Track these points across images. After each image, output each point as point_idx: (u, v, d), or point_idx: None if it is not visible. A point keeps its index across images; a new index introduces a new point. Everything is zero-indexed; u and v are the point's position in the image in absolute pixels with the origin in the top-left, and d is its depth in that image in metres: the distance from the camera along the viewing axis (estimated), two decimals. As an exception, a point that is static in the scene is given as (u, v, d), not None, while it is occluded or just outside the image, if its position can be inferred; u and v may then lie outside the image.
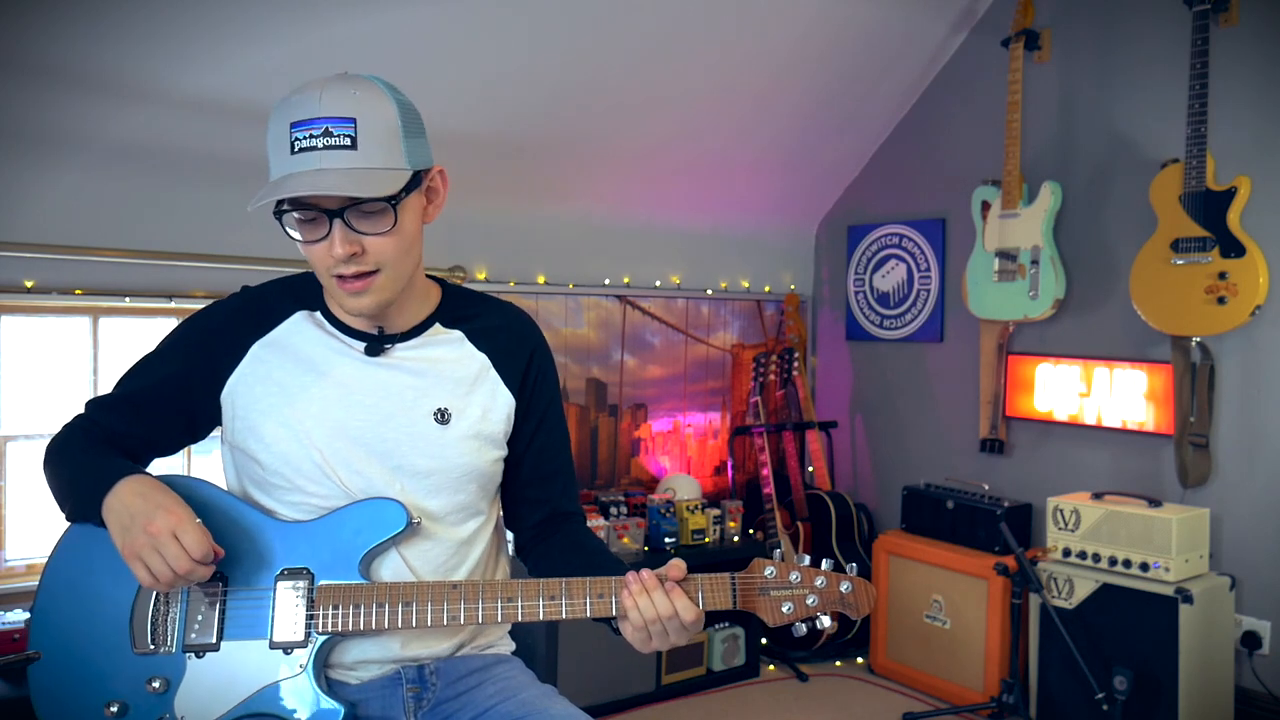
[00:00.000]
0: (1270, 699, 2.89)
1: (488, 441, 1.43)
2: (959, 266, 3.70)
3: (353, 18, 2.67)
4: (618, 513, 3.53)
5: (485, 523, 1.47)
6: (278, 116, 1.27)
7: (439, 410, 1.40)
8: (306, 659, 1.31)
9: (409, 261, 1.36)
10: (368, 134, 1.25)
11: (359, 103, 1.25)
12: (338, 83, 1.27)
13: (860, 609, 1.32)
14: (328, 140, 1.23)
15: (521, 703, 1.39)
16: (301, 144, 1.24)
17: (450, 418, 1.40)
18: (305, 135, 1.24)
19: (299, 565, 1.33)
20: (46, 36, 2.40)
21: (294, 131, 1.24)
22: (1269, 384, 2.92)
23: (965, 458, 3.77)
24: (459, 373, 1.43)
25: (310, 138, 1.23)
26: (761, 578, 1.33)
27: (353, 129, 1.24)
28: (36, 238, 2.73)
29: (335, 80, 1.27)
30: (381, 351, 1.40)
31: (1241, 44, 2.94)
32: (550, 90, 3.22)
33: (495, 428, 1.44)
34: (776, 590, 1.32)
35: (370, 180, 1.25)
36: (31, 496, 2.87)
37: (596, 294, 3.85)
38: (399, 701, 1.38)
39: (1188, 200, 2.90)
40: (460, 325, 1.46)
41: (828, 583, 1.32)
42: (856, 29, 3.50)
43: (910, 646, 3.54)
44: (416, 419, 1.38)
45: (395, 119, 1.28)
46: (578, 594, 1.30)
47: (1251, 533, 2.96)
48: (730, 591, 1.33)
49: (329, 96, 1.24)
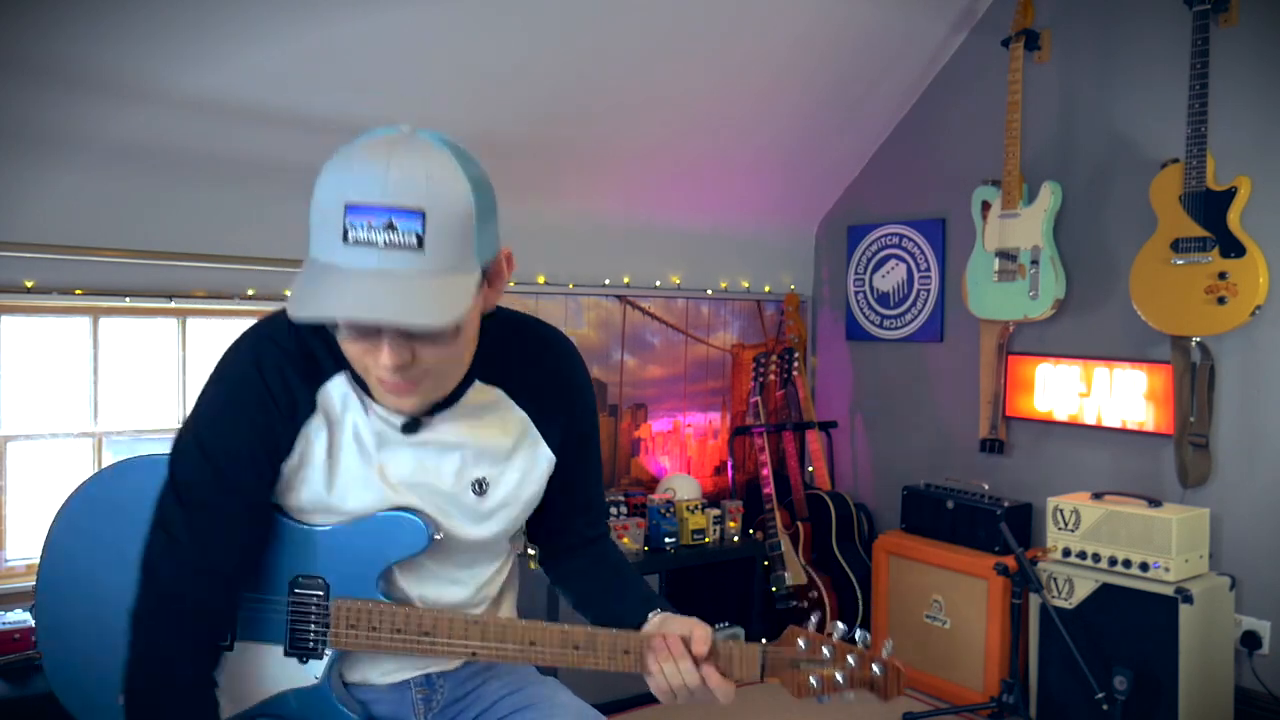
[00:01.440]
0: (1270, 699, 2.89)
1: (525, 505, 1.38)
2: (959, 266, 3.70)
3: (353, 18, 2.67)
4: (618, 513, 3.54)
5: (507, 558, 1.45)
6: (332, 185, 1.06)
7: (477, 481, 1.32)
8: (322, 671, 1.29)
9: (461, 366, 1.24)
10: (438, 232, 1.05)
11: (431, 188, 1.05)
12: (408, 155, 1.06)
13: (889, 692, 1.27)
14: (390, 236, 1.03)
15: (528, 695, 1.39)
16: (358, 235, 1.04)
17: (488, 487, 1.33)
18: (364, 225, 1.03)
19: (314, 574, 1.29)
20: (46, 37, 2.40)
21: (349, 216, 1.04)
22: (1269, 384, 2.92)
23: (965, 458, 3.77)
24: (499, 440, 1.33)
25: (369, 229, 1.03)
26: (793, 650, 1.29)
27: (421, 225, 1.04)
28: (36, 238, 2.73)
29: (405, 149, 1.07)
30: (419, 428, 1.28)
31: (1241, 44, 2.94)
32: (550, 90, 3.22)
33: (532, 489, 1.37)
34: (806, 664, 1.29)
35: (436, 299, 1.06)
36: (31, 496, 2.87)
37: (596, 294, 3.85)
38: (409, 704, 1.38)
39: (1188, 200, 2.90)
40: (500, 380, 1.33)
41: (859, 663, 1.27)
42: (856, 29, 3.50)
43: (910, 646, 3.54)
44: (457, 493, 1.32)
45: (470, 207, 1.08)
46: (602, 648, 1.27)
47: (1251, 533, 2.96)
48: (759, 664, 1.29)
49: (398, 176, 1.04)
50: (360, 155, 1.07)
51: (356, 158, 1.07)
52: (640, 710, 3.32)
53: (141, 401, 3.03)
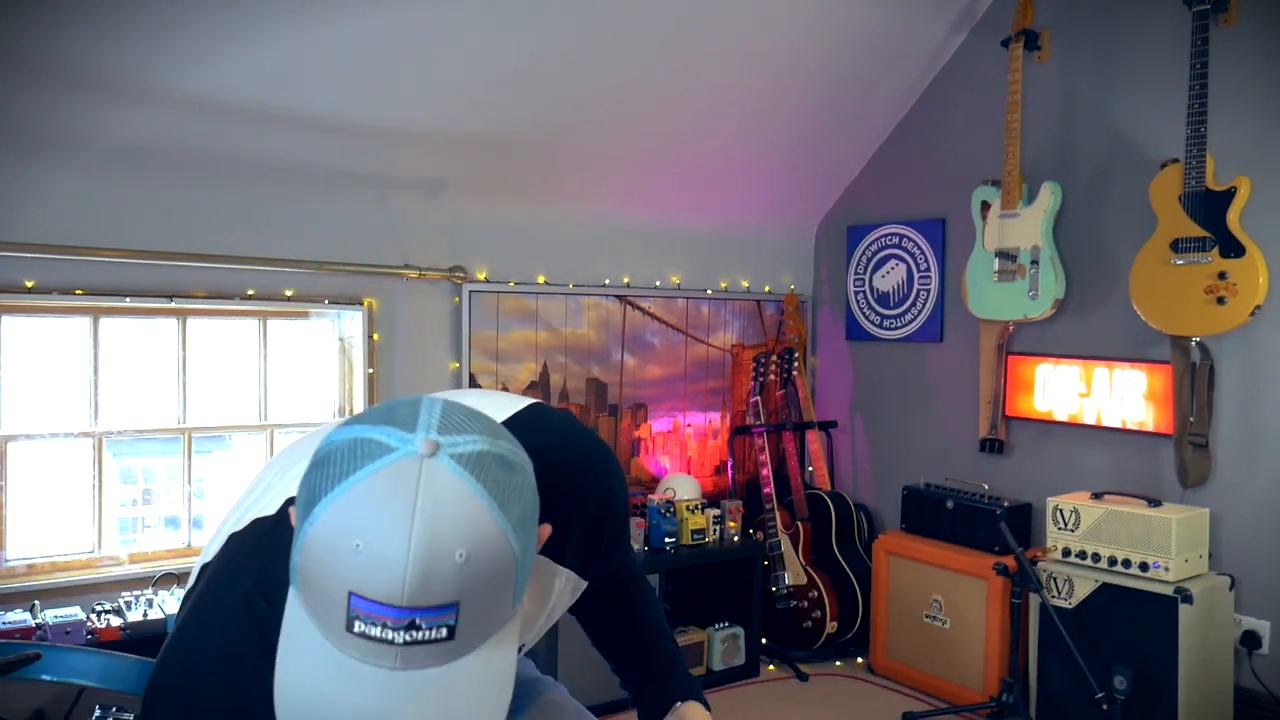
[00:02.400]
0: (1270, 698, 2.89)
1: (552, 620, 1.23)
2: (959, 266, 3.70)
3: (352, 18, 2.67)
4: (618, 513, 3.53)
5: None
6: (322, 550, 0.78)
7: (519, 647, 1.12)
8: None
9: None
10: (474, 616, 0.80)
11: (466, 571, 0.78)
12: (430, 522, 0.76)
13: None
14: (412, 635, 0.77)
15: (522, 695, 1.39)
16: (367, 630, 0.77)
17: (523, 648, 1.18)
18: (377, 624, 0.77)
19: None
20: (46, 37, 2.40)
21: (356, 606, 0.77)
22: (1269, 384, 2.92)
23: (965, 458, 3.77)
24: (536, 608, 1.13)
25: (384, 628, 0.77)
26: None
27: (453, 618, 0.78)
28: (36, 238, 2.73)
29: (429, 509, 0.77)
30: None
31: (1241, 44, 2.94)
32: (551, 90, 3.22)
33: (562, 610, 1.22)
34: None
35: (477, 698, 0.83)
36: (31, 496, 2.87)
37: (596, 294, 3.85)
38: None
39: (1187, 200, 2.90)
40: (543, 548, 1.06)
41: None
42: (856, 29, 3.50)
43: (910, 646, 3.54)
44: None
45: (512, 564, 0.82)
46: None
47: (1251, 533, 2.96)
48: None
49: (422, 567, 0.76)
50: (367, 522, 0.77)
51: (364, 526, 0.77)
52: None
53: (141, 401, 3.03)
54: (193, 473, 3.12)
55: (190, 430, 3.10)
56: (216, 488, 3.20)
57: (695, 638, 3.60)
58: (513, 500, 0.82)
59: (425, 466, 0.78)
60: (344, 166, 3.15)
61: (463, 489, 0.78)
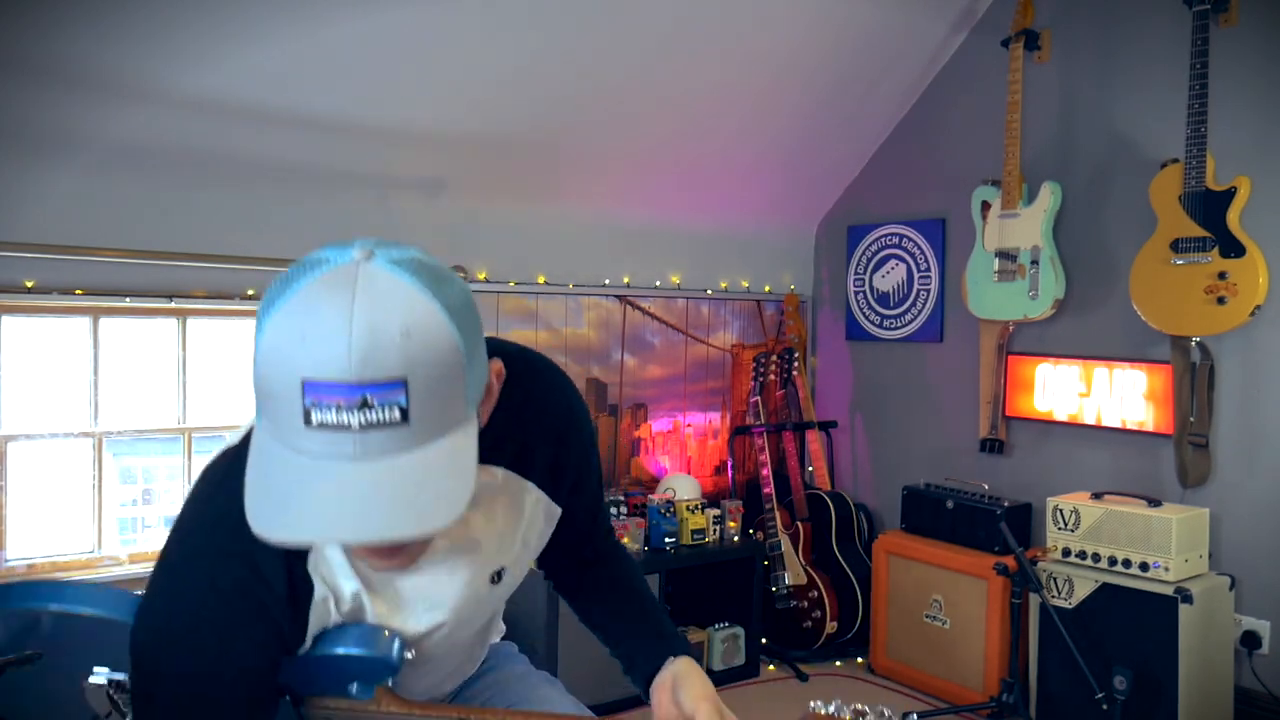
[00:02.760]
0: (1270, 699, 2.89)
1: (532, 558, 1.28)
2: (959, 266, 3.70)
3: (352, 18, 2.67)
4: (618, 513, 3.54)
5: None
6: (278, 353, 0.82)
7: (496, 573, 1.19)
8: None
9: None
10: (424, 395, 0.83)
11: (408, 346, 0.82)
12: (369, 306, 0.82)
13: None
14: (367, 416, 0.81)
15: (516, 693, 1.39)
16: (325, 419, 0.81)
17: (505, 573, 1.20)
18: (331, 408, 0.81)
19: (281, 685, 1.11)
20: (46, 37, 2.40)
21: (309, 396, 0.81)
22: (1269, 384, 2.92)
23: (965, 458, 3.77)
24: (510, 523, 1.18)
25: (338, 411, 0.81)
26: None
27: (403, 396, 0.82)
28: (36, 238, 2.73)
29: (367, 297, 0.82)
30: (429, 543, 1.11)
31: (1241, 44, 2.94)
32: (551, 90, 3.22)
33: (541, 542, 1.26)
34: None
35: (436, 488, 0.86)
36: (31, 496, 2.87)
37: (596, 294, 3.85)
38: None
39: (1187, 200, 2.90)
40: (503, 458, 1.14)
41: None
42: (856, 29, 3.50)
43: (910, 646, 3.54)
44: (474, 590, 1.18)
45: (457, 347, 0.85)
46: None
47: (1251, 533, 2.96)
48: None
49: (364, 342, 0.80)
50: (310, 315, 0.81)
51: (306, 319, 0.81)
52: (641, 710, 3.32)
53: (141, 401, 3.03)
54: (193, 473, 3.11)
55: (190, 430, 3.10)
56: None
57: (695, 638, 3.60)
58: (447, 288, 0.86)
59: (362, 269, 0.83)
60: (344, 166, 3.15)
61: (398, 281, 0.83)
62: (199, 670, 1.00)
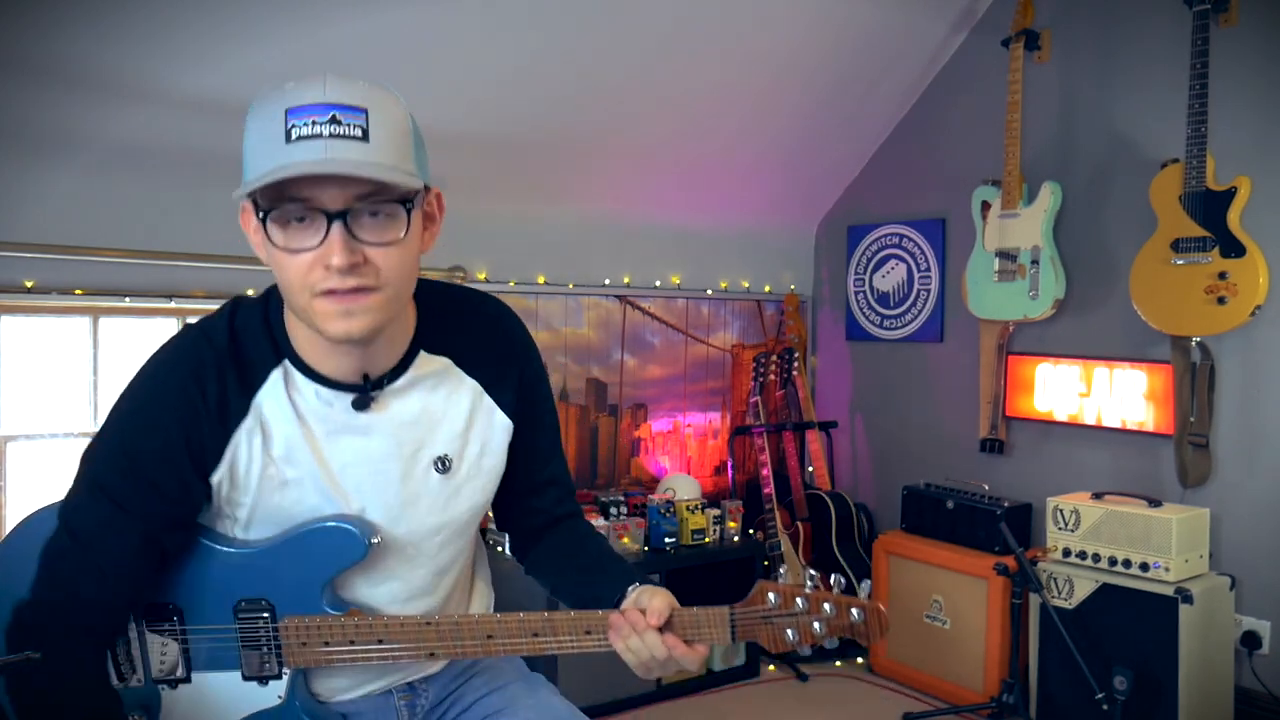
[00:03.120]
0: (1270, 699, 2.89)
1: (489, 476, 1.35)
2: (959, 266, 3.70)
3: (352, 18, 2.67)
4: (617, 513, 3.54)
5: (470, 541, 1.40)
6: (266, 106, 1.07)
7: (439, 459, 1.28)
8: (285, 690, 1.26)
9: (409, 287, 1.19)
10: (381, 127, 1.08)
11: (369, 94, 1.09)
12: (339, 75, 1.09)
13: (872, 637, 1.22)
14: (335, 129, 1.05)
15: (506, 695, 1.39)
16: (302, 131, 1.04)
17: (451, 464, 1.29)
18: (308, 122, 1.04)
19: (257, 596, 1.24)
20: (47, 36, 2.40)
21: (291, 118, 1.05)
22: (1269, 384, 2.92)
23: (965, 458, 3.77)
24: (453, 411, 1.29)
25: (314, 125, 1.04)
26: (764, 608, 1.23)
27: (364, 120, 1.06)
28: (36, 238, 2.73)
29: (334, 73, 1.09)
30: (370, 403, 1.23)
31: (1241, 44, 2.94)
32: (551, 90, 3.22)
33: (495, 459, 1.35)
34: (780, 618, 1.23)
35: (389, 171, 1.08)
36: (31, 496, 2.87)
37: (596, 294, 3.85)
38: (392, 711, 1.37)
39: (1188, 200, 2.90)
40: (446, 349, 1.30)
41: (836, 610, 1.23)
42: (856, 29, 3.50)
43: (910, 646, 3.54)
44: (418, 475, 1.27)
45: (407, 121, 1.13)
46: (563, 630, 1.22)
47: (1251, 533, 2.96)
48: (729, 627, 1.22)
49: (334, 84, 1.07)
50: (294, 79, 1.09)
51: (288, 82, 1.08)
52: (640, 710, 3.33)
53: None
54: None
55: (190, 430, 3.10)
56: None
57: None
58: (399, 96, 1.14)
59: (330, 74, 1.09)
60: (344, 166, 3.14)
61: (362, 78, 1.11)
62: (131, 439, 1.18)
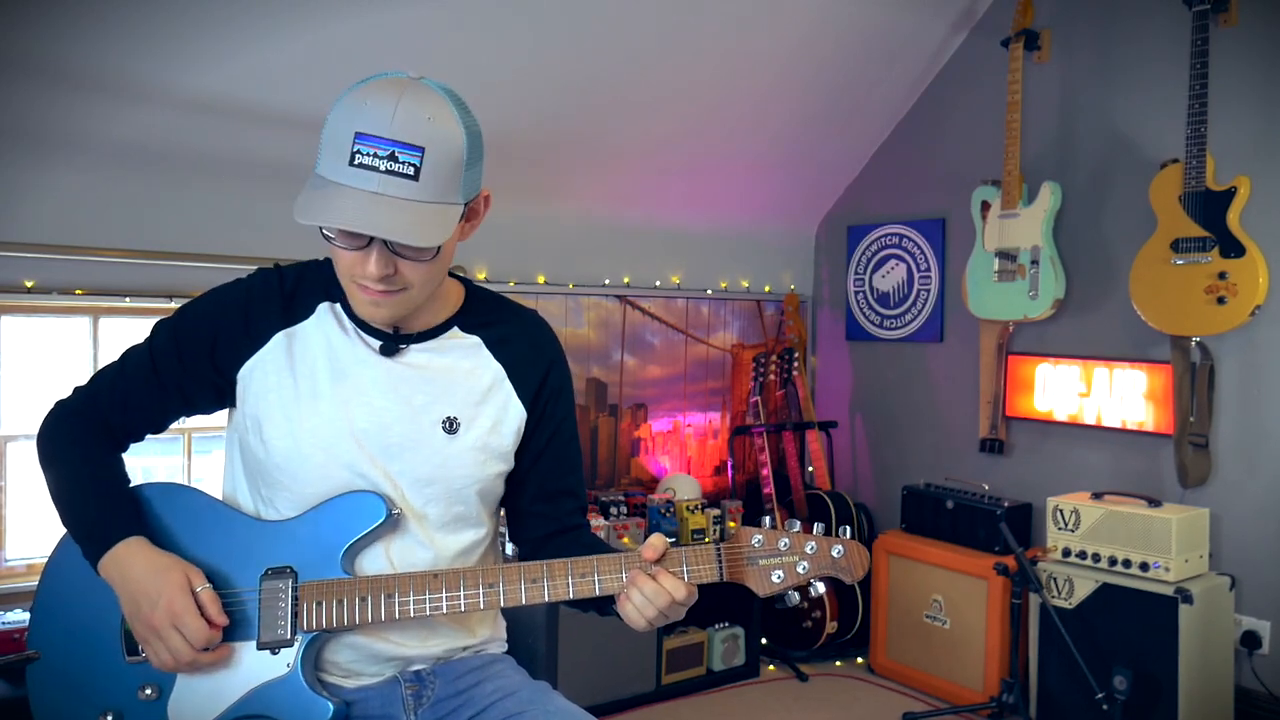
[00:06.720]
0: (1270, 699, 2.89)
1: (494, 455, 1.41)
2: (959, 266, 3.70)
3: (353, 17, 2.67)
4: (618, 513, 3.54)
5: (483, 538, 1.45)
6: (345, 115, 1.22)
7: (448, 419, 1.38)
8: (294, 658, 1.30)
9: (438, 281, 1.36)
10: (433, 167, 1.20)
11: (431, 130, 1.21)
12: (414, 98, 1.21)
13: (854, 572, 1.27)
14: (391, 165, 1.18)
15: (520, 700, 1.40)
16: (363, 160, 1.19)
17: (459, 427, 1.38)
18: (369, 153, 1.19)
19: (282, 564, 1.32)
20: (47, 36, 2.40)
21: (358, 143, 1.19)
22: (1269, 384, 2.92)
23: (965, 458, 3.77)
24: (472, 382, 1.41)
25: (374, 157, 1.19)
26: (749, 546, 1.27)
27: (419, 159, 1.19)
28: (36, 238, 2.73)
29: (412, 92, 1.22)
30: (396, 352, 1.38)
31: (1241, 44, 2.94)
32: (550, 90, 3.22)
33: (504, 441, 1.42)
34: (765, 559, 1.27)
35: (424, 222, 1.21)
36: (31, 496, 2.87)
37: (596, 294, 3.85)
38: (398, 700, 1.39)
39: (1188, 200, 2.90)
40: (479, 331, 1.44)
41: (818, 548, 1.27)
42: (856, 29, 3.50)
43: (910, 646, 3.55)
44: (424, 426, 1.37)
45: (462, 150, 1.24)
46: (559, 575, 1.28)
47: (1251, 533, 2.96)
48: (716, 563, 1.27)
49: (404, 115, 1.19)
50: (373, 92, 1.21)
51: (370, 94, 1.21)
52: (640, 710, 3.33)
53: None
54: (193, 473, 3.12)
55: (190, 430, 3.10)
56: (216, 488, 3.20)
57: (695, 638, 3.60)
58: (467, 114, 1.27)
59: (412, 81, 1.25)
60: (344, 166, 3.14)
61: (435, 93, 1.25)
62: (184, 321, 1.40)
